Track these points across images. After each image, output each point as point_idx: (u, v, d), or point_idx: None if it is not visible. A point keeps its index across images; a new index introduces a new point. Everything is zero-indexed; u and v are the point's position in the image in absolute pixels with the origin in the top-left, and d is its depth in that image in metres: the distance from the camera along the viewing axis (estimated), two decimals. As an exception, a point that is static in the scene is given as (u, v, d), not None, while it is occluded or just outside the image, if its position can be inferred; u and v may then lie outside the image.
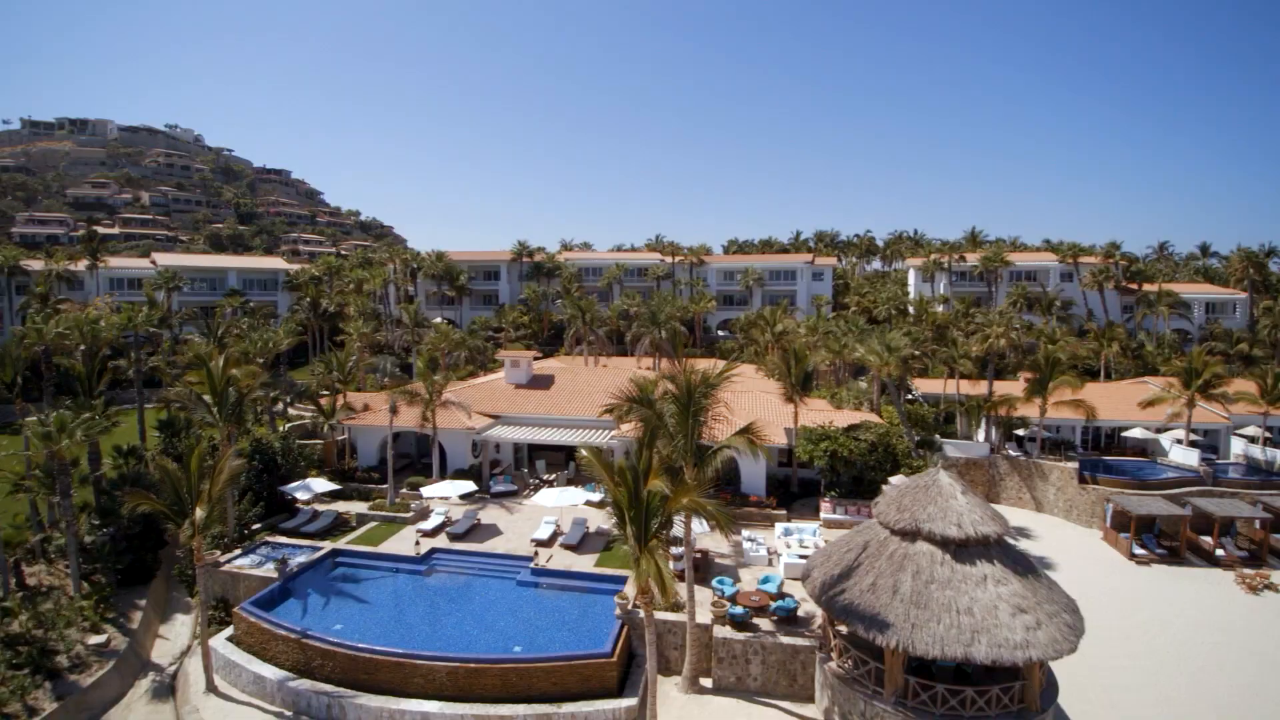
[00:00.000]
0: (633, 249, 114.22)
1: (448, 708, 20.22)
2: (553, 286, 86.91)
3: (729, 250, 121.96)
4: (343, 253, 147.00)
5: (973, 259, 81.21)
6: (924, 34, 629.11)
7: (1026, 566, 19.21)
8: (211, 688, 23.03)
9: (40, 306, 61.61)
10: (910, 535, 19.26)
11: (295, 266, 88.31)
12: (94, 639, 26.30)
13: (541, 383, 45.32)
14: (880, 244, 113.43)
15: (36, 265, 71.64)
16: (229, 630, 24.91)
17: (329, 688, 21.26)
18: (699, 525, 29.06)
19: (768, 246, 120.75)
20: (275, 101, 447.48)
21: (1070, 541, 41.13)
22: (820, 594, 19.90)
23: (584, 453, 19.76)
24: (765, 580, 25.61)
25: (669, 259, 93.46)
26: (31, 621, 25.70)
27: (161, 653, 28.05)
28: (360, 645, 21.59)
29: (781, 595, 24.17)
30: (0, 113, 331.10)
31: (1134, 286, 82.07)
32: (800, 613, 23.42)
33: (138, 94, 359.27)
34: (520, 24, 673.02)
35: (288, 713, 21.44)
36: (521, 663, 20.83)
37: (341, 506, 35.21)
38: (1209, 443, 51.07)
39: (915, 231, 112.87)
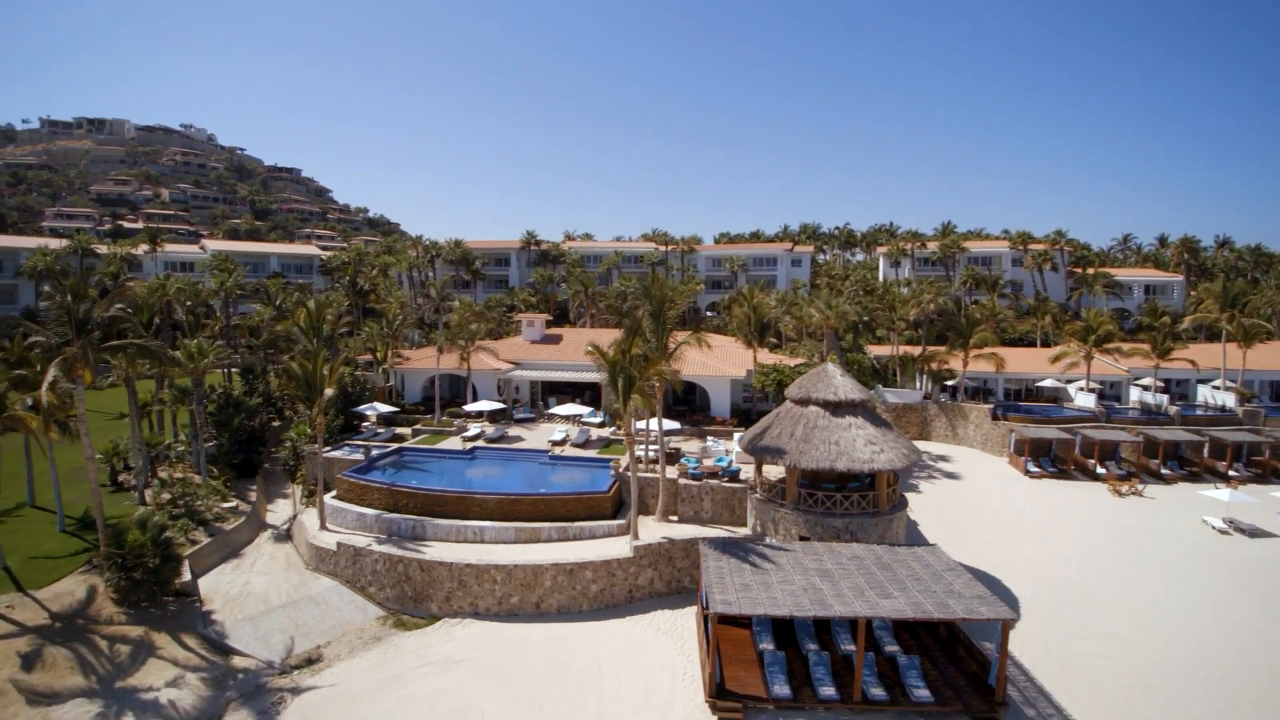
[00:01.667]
0: (630, 240, 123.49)
1: (497, 524, 29.82)
2: (558, 272, 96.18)
3: (719, 241, 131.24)
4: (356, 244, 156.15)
5: (933, 246, 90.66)
6: (909, 41, 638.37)
7: (882, 422, 28.75)
8: (324, 527, 32.53)
9: (113, 284, 71.09)
10: (804, 402, 28.81)
11: (328, 253, 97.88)
12: (226, 505, 35.89)
13: (552, 339, 54.92)
14: (858, 235, 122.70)
15: (103, 249, 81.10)
16: (332, 492, 34.35)
17: (413, 517, 30.79)
18: (670, 424, 38.64)
19: (756, 238, 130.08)
20: (284, 102, 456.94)
21: (981, 464, 50.60)
22: (749, 444, 29.46)
23: (590, 347, 29.24)
24: (720, 460, 35.12)
25: (663, 248, 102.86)
26: (179, 491, 35.09)
27: (272, 520, 37.65)
28: (435, 488, 31.18)
29: (729, 467, 33.67)
30: (20, 112, 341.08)
31: (1078, 270, 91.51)
32: (741, 476, 32.87)
33: (147, 94, 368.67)
34: (523, 29, 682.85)
35: (383, 535, 30.91)
36: (547, 495, 30.47)
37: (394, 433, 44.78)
38: (1114, 393, 60.65)
39: (890, 224, 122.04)
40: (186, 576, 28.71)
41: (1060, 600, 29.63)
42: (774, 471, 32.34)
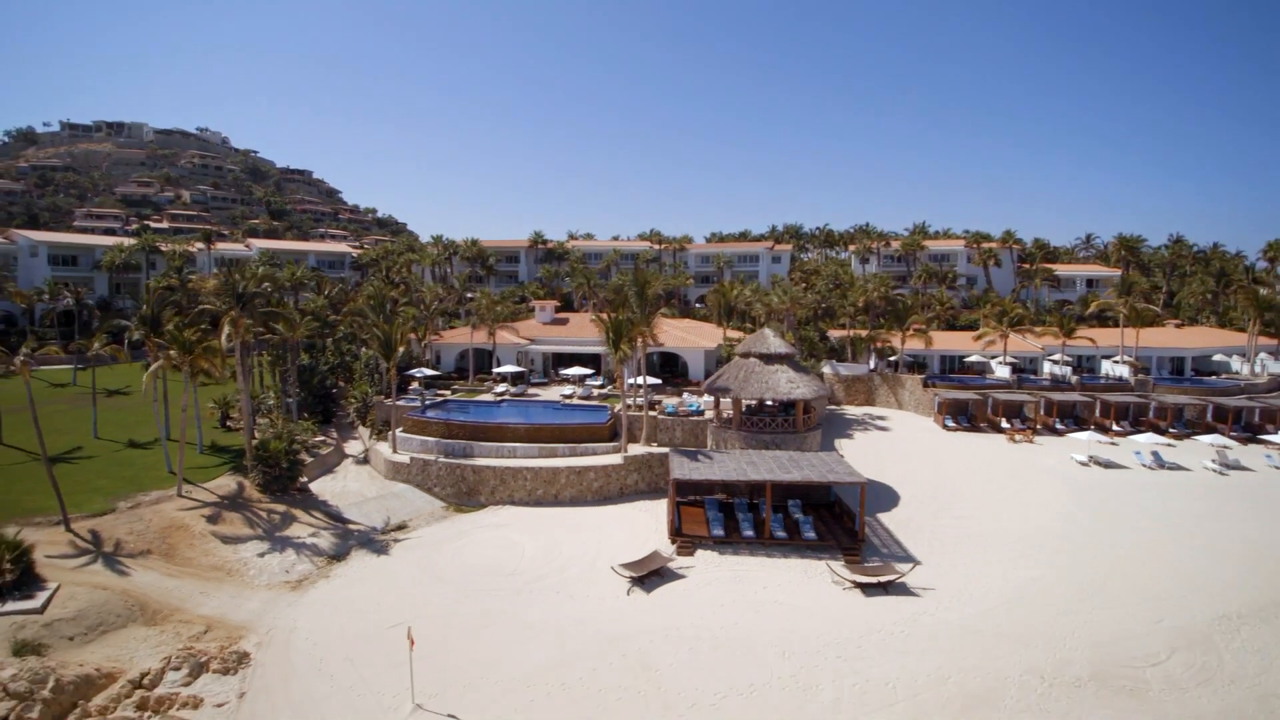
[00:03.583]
0: (628, 239, 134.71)
1: (525, 444, 41.15)
2: (562, 268, 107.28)
3: (710, 240, 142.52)
4: (370, 244, 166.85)
5: (896, 245, 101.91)
6: (903, 55, 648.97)
7: (803, 370, 40.01)
8: (395, 450, 43.76)
9: (177, 277, 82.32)
10: (747, 355, 40.22)
11: (358, 251, 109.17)
12: (317, 439, 47.11)
13: (560, 321, 66.44)
14: (837, 235, 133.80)
15: (165, 247, 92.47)
16: (399, 428, 45.56)
17: (463, 441, 42.04)
18: (654, 381, 49.98)
19: (744, 237, 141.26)
20: (293, 106, 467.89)
21: (911, 422, 61.77)
22: (707, 386, 40.81)
23: (591, 316, 40.48)
24: (690, 405, 46.46)
25: (657, 246, 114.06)
26: (281, 428, 46.20)
27: (349, 452, 48.89)
28: (478, 420, 42.45)
29: (696, 409, 45.01)
30: (31, 116, 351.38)
31: (1026, 266, 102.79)
32: (705, 415, 44.15)
33: (156, 97, 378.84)
34: (527, 41, 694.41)
35: (441, 455, 42.10)
36: (562, 425, 41.85)
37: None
38: (1032, 366, 71.89)
39: (867, 224, 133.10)
40: (304, 479, 40.01)
41: (933, 499, 40.79)
42: (730, 413, 43.65)
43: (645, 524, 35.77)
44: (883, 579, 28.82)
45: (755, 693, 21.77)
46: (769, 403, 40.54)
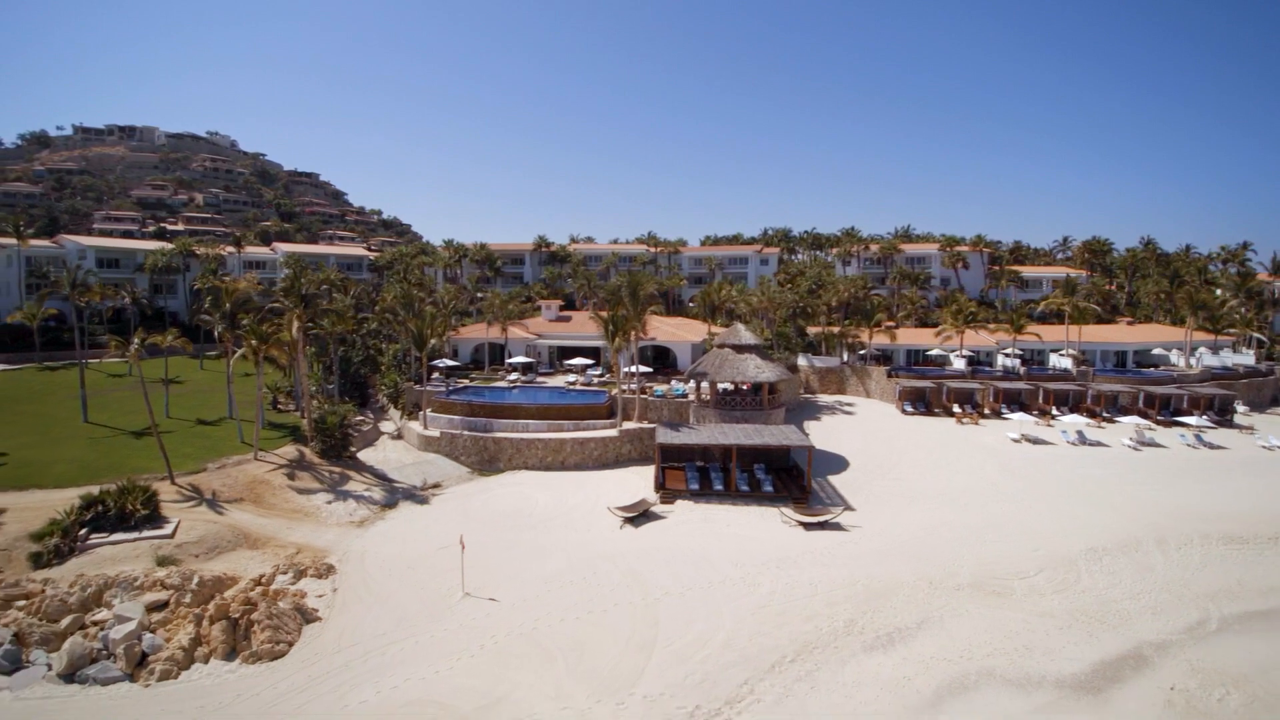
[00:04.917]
0: (626, 242, 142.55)
1: (536, 421, 49.07)
2: (565, 270, 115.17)
3: (705, 243, 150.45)
4: (377, 246, 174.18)
5: (875, 248, 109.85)
6: (888, 59, 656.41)
7: (769, 358, 47.92)
8: (426, 427, 51.71)
9: (212, 279, 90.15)
10: (722, 346, 48.16)
11: (375, 254, 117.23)
12: (358, 418, 55.09)
13: (564, 318, 74.55)
14: (824, 238, 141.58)
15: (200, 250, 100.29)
16: (429, 409, 53.50)
17: (483, 418, 49.98)
18: (646, 370, 57.92)
19: (736, 240, 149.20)
20: (298, 110, 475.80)
21: (875, 408, 69.66)
22: (689, 373, 48.75)
23: (590, 314, 48.35)
24: (676, 389, 54.45)
25: (653, 249, 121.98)
26: (328, 410, 54.13)
27: (384, 429, 56.86)
28: (496, 401, 50.42)
29: (680, 392, 53.01)
30: (50, 118, 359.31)
31: (996, 268, 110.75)
32: (690, 398, 52.10)
33: (160, 100, 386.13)
34: (526, 58, 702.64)
35: (466, 429, 50.01)
36: (567, 405, 49.83)
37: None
38: (988, 359, 79.79)
39: (852, 228, 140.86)
40: (353, 449, 48.00)
41: (879, 466, 48.72)
42: (708, 395, 51.61)
43: (636, 484, 43.74)
44: (820, 518, 36.80)
45: (711, 587, 29.79)
46: (742, 386, 48.47)
